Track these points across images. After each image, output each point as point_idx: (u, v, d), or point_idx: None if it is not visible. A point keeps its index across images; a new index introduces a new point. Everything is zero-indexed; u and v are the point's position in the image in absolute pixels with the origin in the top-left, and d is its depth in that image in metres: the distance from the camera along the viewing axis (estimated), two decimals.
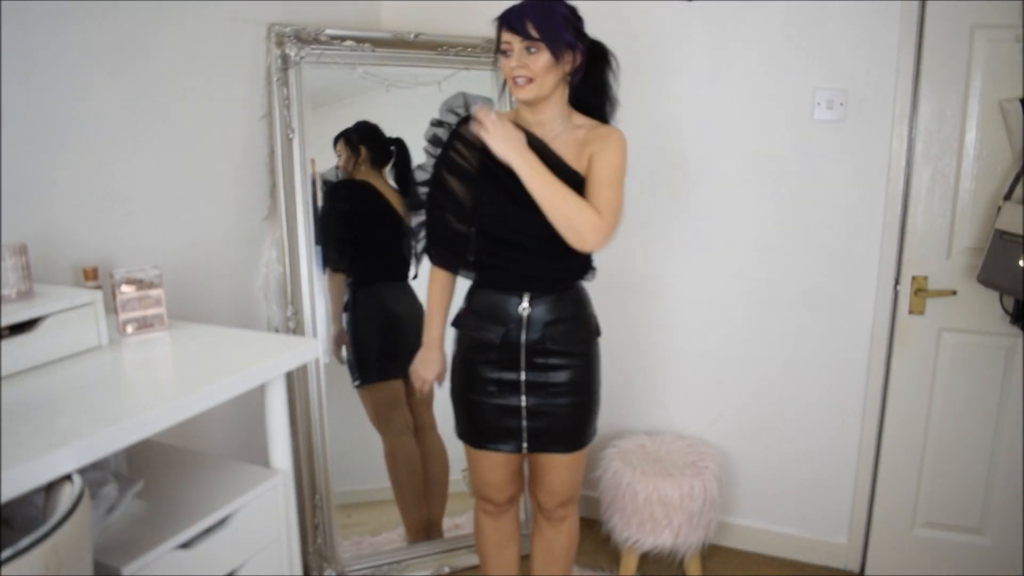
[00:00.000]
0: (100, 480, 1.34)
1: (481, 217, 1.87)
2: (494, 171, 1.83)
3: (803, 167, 2.45)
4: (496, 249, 1.88)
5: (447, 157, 1.90)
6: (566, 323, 1.91)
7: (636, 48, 2.55)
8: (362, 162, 2.52)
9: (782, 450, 2.66)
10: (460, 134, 1.89)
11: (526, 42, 1.75)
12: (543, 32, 1.74)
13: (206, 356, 1.57)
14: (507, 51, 1.78)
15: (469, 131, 1.84)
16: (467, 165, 1.88)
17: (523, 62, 1.76)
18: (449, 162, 1.90)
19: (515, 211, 1.82)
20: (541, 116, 1.86)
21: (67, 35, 1.76)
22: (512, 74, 1.78)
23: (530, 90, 1.78)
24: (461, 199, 1.88)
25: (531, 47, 1.75)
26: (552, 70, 1.78)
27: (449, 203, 1.89)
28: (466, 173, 1.88)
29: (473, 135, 1.82)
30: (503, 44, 1.78)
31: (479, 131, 1.77)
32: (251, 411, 2.04)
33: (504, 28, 1.77)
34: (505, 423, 1.94)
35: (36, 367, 1.43)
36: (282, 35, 2.30)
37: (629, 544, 2.46)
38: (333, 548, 2.45)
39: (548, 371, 1.91)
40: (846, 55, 2.34)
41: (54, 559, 0.94)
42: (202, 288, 2.18)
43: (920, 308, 2.38)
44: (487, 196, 1.86)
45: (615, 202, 1.81)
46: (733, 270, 2.60)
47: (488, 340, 1.91)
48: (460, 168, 1.88)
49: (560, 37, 1.76)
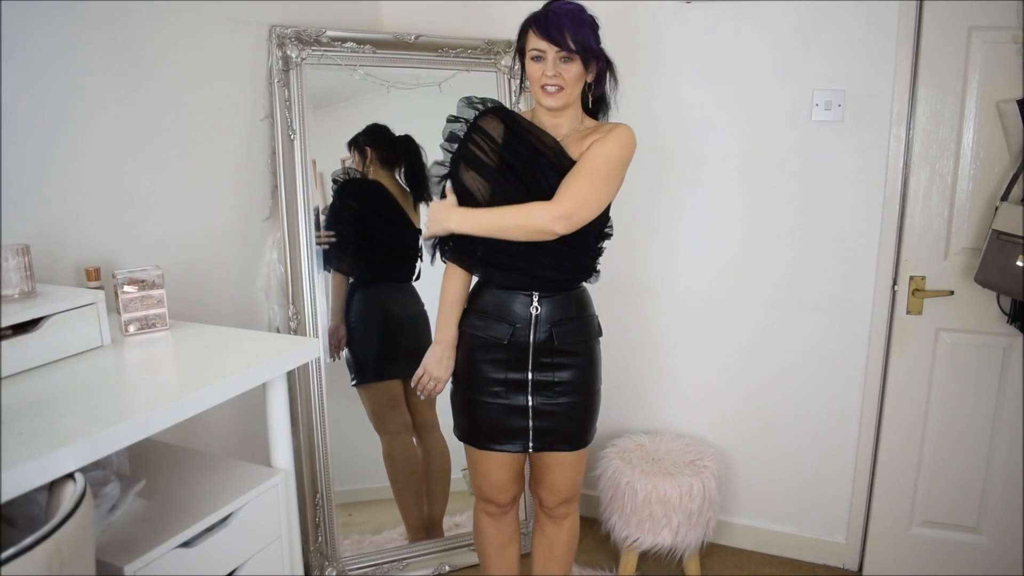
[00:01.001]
0: (102, 479, 1.34)
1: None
2: (513, 166, 1.84)
3: (801, 168, 2.46)
4: (508, 246, 1.86)
5: (466, 150, 1.89)
6: (572, 323, 1.93)
7: (635, 48, 2.56)
8: (371, 163, 2.53)
9: (780, 449, 2.67)
10: (480, 127, 1.89)
11: (561, 52, 1.77)
12: (578, 43, 1.76)
13: (207, 356, 1.58)
14: (539, 57, 1.79)
15: (491, 121, 1.87)
16: (486, 159, 1.87)
17: (557, 71, 1.78)
18: (468, 155, 1.88)
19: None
20: (559, 119, 1.88)
21: (71, 36, 1.77)
22: (545, 82, 1.79)
23: (560, 98, 1.81)
24: (477, 194, 1.87)
25: (565, 57, 1.78)
26: (580, 79, 1.82)
27: (466, 198, 1.88)
28: (484, 167, 1.87)
29: (492, 128, 1.85)
30: (535, 51, 1.79)
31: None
32: (252, 410, 2.05)
33: (539, 35, 1.78)
34: (512, 423, 1.94)
35: (39, 367, 1.44)
36: (283, 36, 2.31)
37: (628, 543, 2.47)
38: (334, 546, 2.46)
39: (554, 370, 1.92)
40: (844, 56, 2.34)
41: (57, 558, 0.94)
42: (204, 288, 2.19)
43: (918, 308, 2.39)
44: (504, 191, 1.85)
45: (584, 191, 1.79)
46: (732, 270, 2.61)
47: (495, 339, 1.91)
48: (479, 161, 1.87)
49: (591, 48, 1.79)
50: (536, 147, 1.85)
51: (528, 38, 1.82)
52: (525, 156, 1.85)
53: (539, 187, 1.82)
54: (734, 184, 2.55)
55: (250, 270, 2.38)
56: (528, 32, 1.82)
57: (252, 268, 2.39)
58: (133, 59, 1.92)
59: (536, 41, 1.79)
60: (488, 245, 1.88)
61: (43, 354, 1.45)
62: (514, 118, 1.90)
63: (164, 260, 1.95)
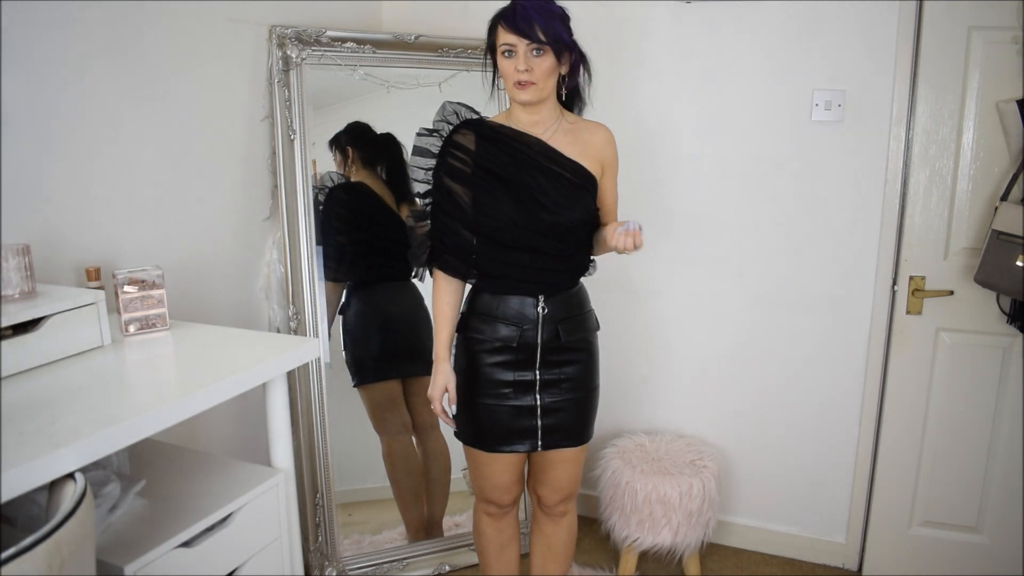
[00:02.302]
0: (102, 479, 1.34)
1: (484, 223, 1.86)
2: (494, 172, 1.85)
3: (801, 168, 2.46)
4: (505, 255, 1.87)
5: (447, 164, 1.89)
6: (574, 320, 1.94)
7: (635, 48, 2.56)
8: (353, 163, 2.53)
9: (781, 449, 2.67)
10: (456, 141, 1.88)
11: (532, 45, 1.76)
12: (549, 35, 1.75)
13: (208, 356, 1.58)
14: (509, 53, 1.78)
15: (465, 136, 1.88)
16: (466, 170, 1.88)
17: (529, 65, 1.77)
18: (450, 169, 1.89)
19: (517, 214, 1.84)
20: (536, 116, 1.87)
21: (71, 36, 1.77)
22: (517, 77, 1.78)
23: (533, 92, 1.80)
24: (465, 206, 1.87)
25: (536, 50, 1.76)
26: (554, 72, 1.80)
27: (456, 211, 1.88)
28: (467, 178, 1.88)
29: (467, 141, 1.87)
30: (505, 46, 1.78)
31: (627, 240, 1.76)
32: (252, 410, 2.06)
33: (508, 30, 1.76)
34: (521, 424, 1.94)
35: (39, 367, 1.44)
36: (283, 36, 2.31)
37: (628, 543, 2.47)
38: (334, 546, 2.46)
39: (559, 367, 1.93)
40: (844, 56, 2.34)
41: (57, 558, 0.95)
42: (204, 288, 2.19)
43: (918, 308, 2.39)
44: (487, 200, 1.86)
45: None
46: (732, 270, 2.61)
47: (504, 342, 1.90)
48: (461, 173, 1.88)
49: (562, 39, 1.78)
50: (519, 150, 1.85)
51: (498, 34, 1.80)
52: (507, 162, 1.85)
53: (526, 188, 1.83)
54: (734, 184, 2.55)
55: (250, 270, 2.38)
56: (497, 28, 1.80)
57: (252, 268, 2.39)
58: (133, 59, 1.92)
59: (506, 36, 1.77)
60: (485, 252, 1.88)
61: (43, 354, 1.45)
62: (489, 128, 1.89)
63: (164, 260, 1.95)
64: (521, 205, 1.83)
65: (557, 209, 1.84)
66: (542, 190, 1.83)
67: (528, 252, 1.86)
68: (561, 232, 1.86)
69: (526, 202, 1.83)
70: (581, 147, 1.89)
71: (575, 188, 1.86)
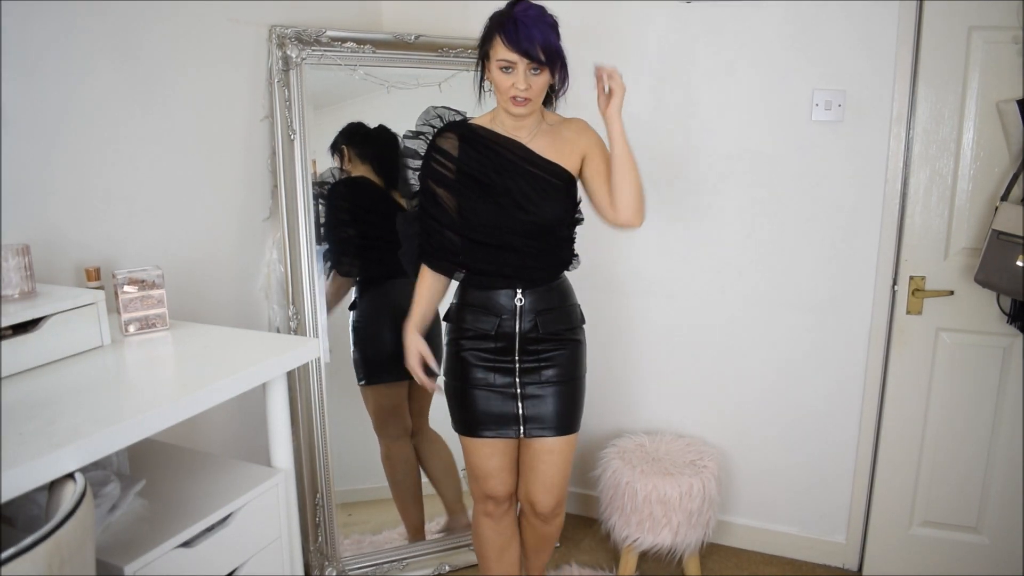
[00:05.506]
0: (102, 479, 1.35)
1: (468, 226, 1.94)
2: (475, 176, 1.91)
3: (801, 168, 2.46)
4: (486, 253, 1.95)
5: (431, 168, 1.97)
6: (555, 312, 2.00)
7: (635, 49, 2.56)
8: (349, 160, 2.53)
9: (781, 449, 2.67)
10: (439, 146, 1.96)
11: (532, 64, 1.78)
12: (548, 53, 1.78)
13: (207, 356, 1.58)
14: (508, 69, 1.80)
15: (448, 140, 1.94)
16: (449, 175, 1.95)
17: (528, 83, 1.80)
18: (434, 173, 1.97)
19: (498, 216, 1.91)
20: (522, 121, 1.92)
21: (71, 36, 1.77)
22: (514, 93, 1.81)
23: (528, 107, 1.85)
24: (449, 209, 1.95)
25: (536, 68, 1.79)
26: (548, 84, 1.86)
27: (442, 214, 1.97)
28: (450, 182, 1.95)
29: (450, 146, 1.92)
30: (505, 62, 1.79)
31: (609, 82, 1.82)
32: (252, 410, 2.05)
33: (510, 47, 1.77)
34: (503, 409, 2.00)
35: (39, 367, 1.44)
36: (283, 36, 2.31)
37: (628, 543, 2.47)
38: (334, 546, 2.46)
39: (540, 357, 1.99)
40: (844, 56, 2.34)
41: (57, 558, 0.95)
42: (204, 288, 2.19)
43: (918, 308, 2.39)
44: (469, 204, 1.93)
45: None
46: (731, 270, 2.61)
47: (483, 330, 1.97)
48: (445, 178, 1.95)
49: (560, 55, 1.82)
50: (500, 155, 1.91)
51: (495, 46, 1.80)
52: (488, 167, 1.91)
53: (507, 192, 1.90)
54: (734, 184, 2.55)
55: (250, 270, 2.38)
56: (495, 40, 1.80)
57: (252, 268, 2.39)
58: (133, 59, 1.92)
59: (505, 52, 1.78)
60: (468, 251, 1.96)
61: (43, 354, 1.45)
62: (472, 132, 1.94)
63: (164, 260, 1.95)
64: (502, 209, 1.91)
65: (536, 210, 1.91)
66: (522, 193, 1.90)
67: (509, 251, 1.94)
68: (540, 231, 1.94)
69: (506, 205, 1.90)
70: (560, 146, 1.94)
71: (554, 189, 1.93)
